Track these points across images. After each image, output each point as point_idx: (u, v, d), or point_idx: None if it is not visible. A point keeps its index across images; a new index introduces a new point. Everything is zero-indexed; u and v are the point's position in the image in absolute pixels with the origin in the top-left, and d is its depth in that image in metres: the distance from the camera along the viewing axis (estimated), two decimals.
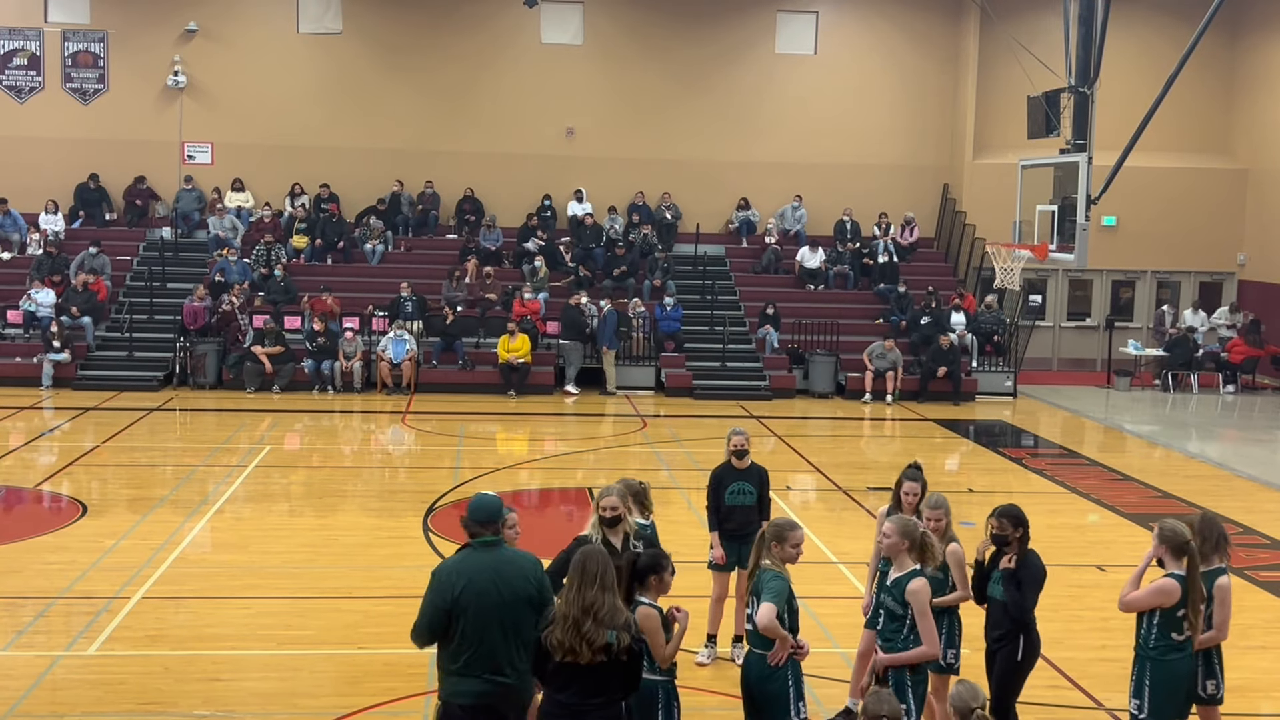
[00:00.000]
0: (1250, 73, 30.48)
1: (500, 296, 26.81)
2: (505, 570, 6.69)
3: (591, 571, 6.52)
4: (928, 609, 7.38)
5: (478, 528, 6.79)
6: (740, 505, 10.19)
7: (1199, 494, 17.44)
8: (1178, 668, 7.63)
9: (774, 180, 30.50)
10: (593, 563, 6.56)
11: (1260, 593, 12.96)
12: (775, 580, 7.35)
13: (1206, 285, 31.45)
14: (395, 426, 22.07)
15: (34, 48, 28.96)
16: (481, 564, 6.69)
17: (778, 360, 26.38)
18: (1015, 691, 8.13)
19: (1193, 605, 7.58)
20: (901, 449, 21.33)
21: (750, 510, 10.17)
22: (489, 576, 6.63)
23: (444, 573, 6.73)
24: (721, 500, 10.24)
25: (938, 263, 30.65)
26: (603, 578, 6.52)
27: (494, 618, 6.58)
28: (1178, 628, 7.60)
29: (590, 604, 6.43)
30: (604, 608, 6.44)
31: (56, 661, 10.14)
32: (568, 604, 6.48)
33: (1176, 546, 7.65)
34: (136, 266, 27.78)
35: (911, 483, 8.96)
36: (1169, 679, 7.62)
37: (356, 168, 29.50)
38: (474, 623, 6.57)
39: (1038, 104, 21.43)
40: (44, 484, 16.72)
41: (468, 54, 29.83)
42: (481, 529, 6.78)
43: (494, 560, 6.72)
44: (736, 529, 10.17)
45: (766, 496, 10.34)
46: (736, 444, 10.30)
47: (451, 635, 6.63)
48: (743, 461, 10.29)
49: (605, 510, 8.25)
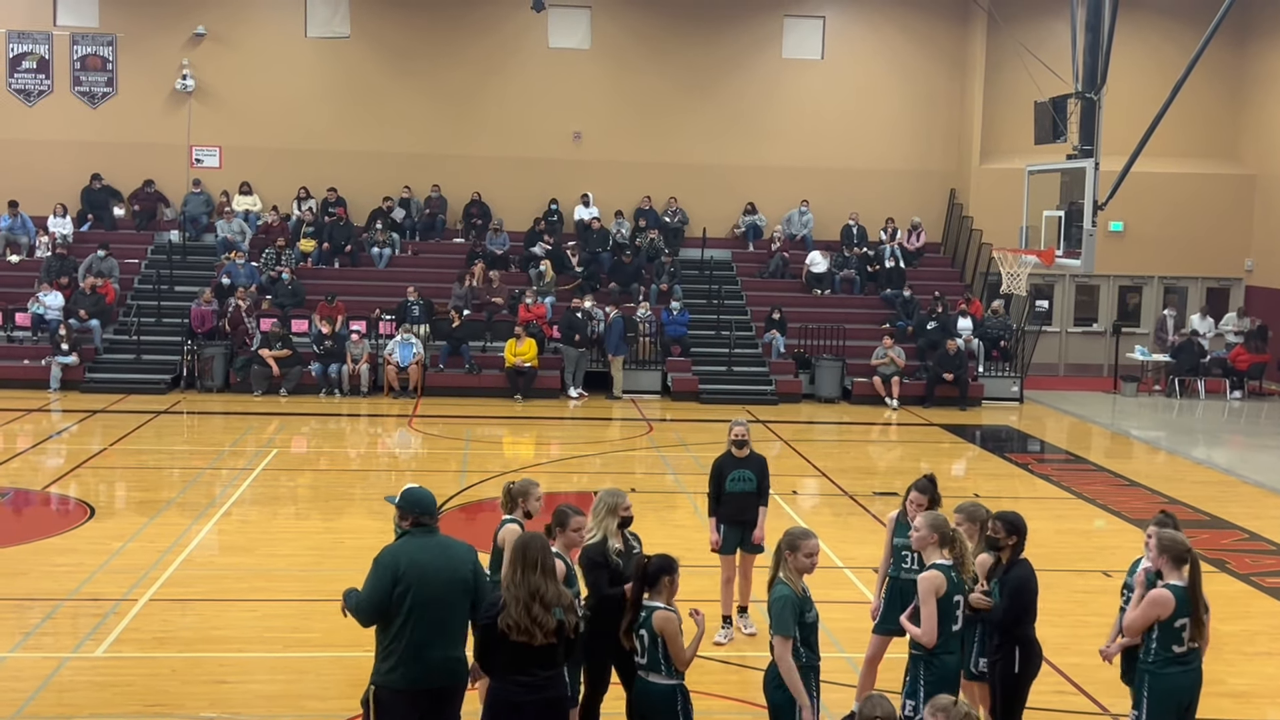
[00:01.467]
0: (1258, 78, 30.45)
1: (507, 300, 26.84)
2: (444, 555, 6.97)
3: (531, 558, 6.79)
4: (930, 598, 7.46)
5: (420, 515, 7.04)
6: (741, 492, 10.70)
7: (1205, 500, 17.42)
8: (1177, 680, 7.48)
9: (781, 185, 30.50)
10: (532, 549, 6.83)
11: (1266, 599, 12.95)
12: (778, 600, 7.30)
13: (1214, 291, 31.41)
14: (402, 430, 22.10)
15: (43, 51, 29.04)
16: (423, 548, 6.95)
17: (784, 365, 26.38)
18: (1019, 702, 8.07)
19: (1195, 615, 7.44)
20: (908, 454, 21.33)
21: (750, 496, 10.71)
22: (430, 560, 6.90)
23: (388, 555, 6.96)
24: (723, 488, 10.75)
25: (944, 268, 30.63)
26: (542, 563, 6.80)
27: (434, 600, 6.84)
28: (1177, 639, 7.43)
29: (535, 589, 6.72)
30: (547, 591, 6.74)
31: (64, 663, 10.17)
32: (515, 588, 6.73)
33: (1177, 556, 7.51)
34: (144, 270, 27.82)
35: (918, 493, 8.94)
36: (1167, 692, 7.48)
37: (364, 171, 29.54)
38: (416, 605, 6.80)
39: (1045, 109, 21.42)
40: (52, 486, 16.77)
41: (475, 58, 29.88)
42: (420, 516, 7.04)
43: (434, 545, 7.00)
44: (737, 514, 10.74)
45: (766, 484, 10.86)
46: (737, 434, 10.81)
47: (393, 617, 6.83)
48: (742, 451, 10.81)
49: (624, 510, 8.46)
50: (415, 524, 7.05)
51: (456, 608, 6.94)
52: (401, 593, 6.82)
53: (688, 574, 7.77)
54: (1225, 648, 11.46)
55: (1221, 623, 12.09)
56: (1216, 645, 11.40)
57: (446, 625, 6.91)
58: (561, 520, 7.88)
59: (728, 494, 10.72)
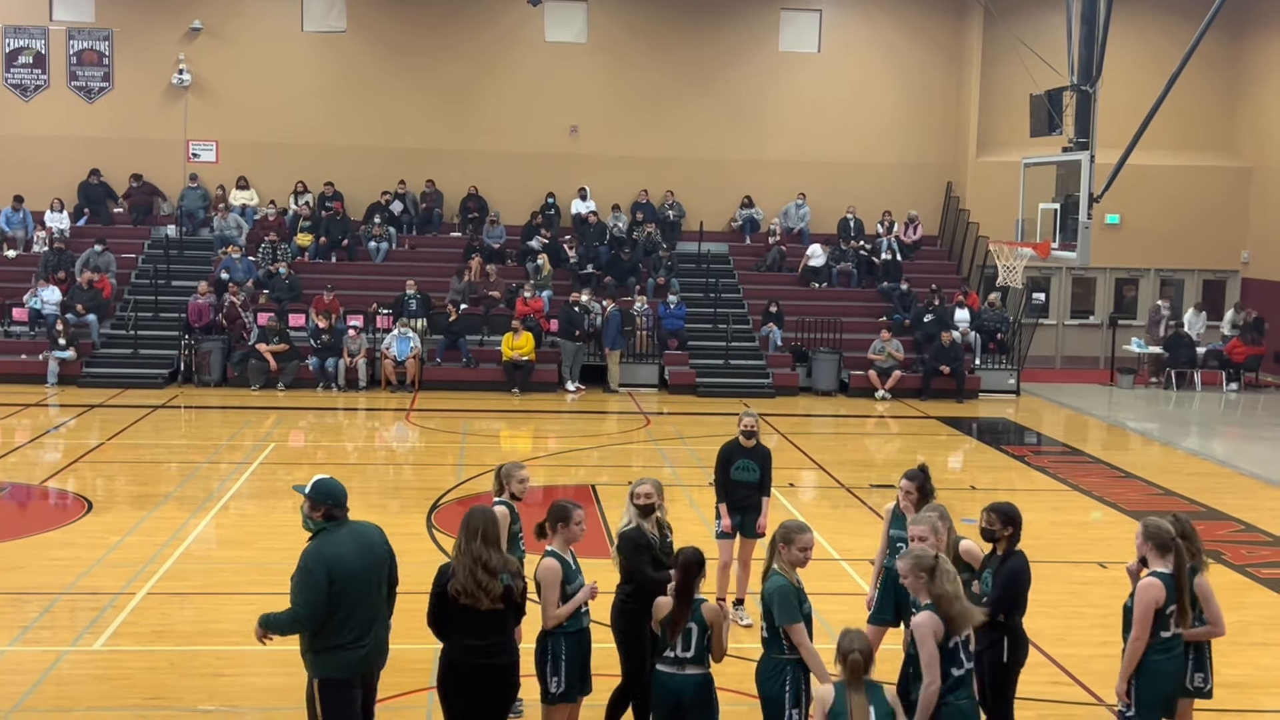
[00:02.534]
0: (1254, 70, 30.48)
1: (504, 294, 26.86)
2: (363, 543, 7.16)
3: (474, 527, 7.20)
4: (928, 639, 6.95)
5: (336, 508, 7.19)
6: (744, 481, 11.06)
7: (1201, 491, 17.47)
8: (1163, 666, 7.61)
9: (777, 178, 30.52)
10: (475, 519, 7.25)
11: (1261, 589, 12.99)
12: (777, 591, 7.37)
13: (1210, 283, 31.46)
14: (399, 424, 22.13)
15: (39, 46, 29.03)
16: (343, 540, 7.11)
17: (781, 358, 26.41)
18: (1009, 692, 8.10)
19: (1181, 602, 7.55)
20: (905, 447, 21.37)
21: (752, 486, 11.07)
22: (353, 552, 7.07)
23: (316, 556, 7.05)
24: (728, 475, 11.07)
25: (941, 261, 30.66)
26: (484, 532, 7.20)
27: (365, 589, 7.07)
28: (1163, 624, 7.57)
29: (478, 556, 7.13)
30: (490, 559, 7.13)
31: (62, 657, 10.20)
32: (461, 555, 7.16)
33: (1161, 544, 7.63)
34: (141, 264, 27.83)
35: (908, 480, 9.03)
36: (1154, 677, 7.60)
37: (361, 166, 29.54)
38: (351, 597, 6.99)
39: (1040, 102, 21.43)
40: (49, 481, 16.78)
41: (472, 52, 29.87)
42: (335, 509, 7.19)
43: (352, 534, 7.17)
44: (739, 501, 11.10)
45: (769, 474, 11.20)
46: (747, 425, 11.10)
47: (333, 613, 6.97)
48: (749, 441, 11.11)
49: (639, 498, 8.54)
50: (327, 516, 7.17)
51: (379, 590, 7.22)
52: (338, 590, 6.97)
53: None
54: (1219, 638, 11.50)
55: None
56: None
57: (378, 609, 7.19)
58: (564, 516, 7.86)
59: (731, 481, 11.07)
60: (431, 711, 9.14)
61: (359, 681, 7.17)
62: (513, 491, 8.96)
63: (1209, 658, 8.10)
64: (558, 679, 7.71)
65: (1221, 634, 8.05)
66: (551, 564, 7.68)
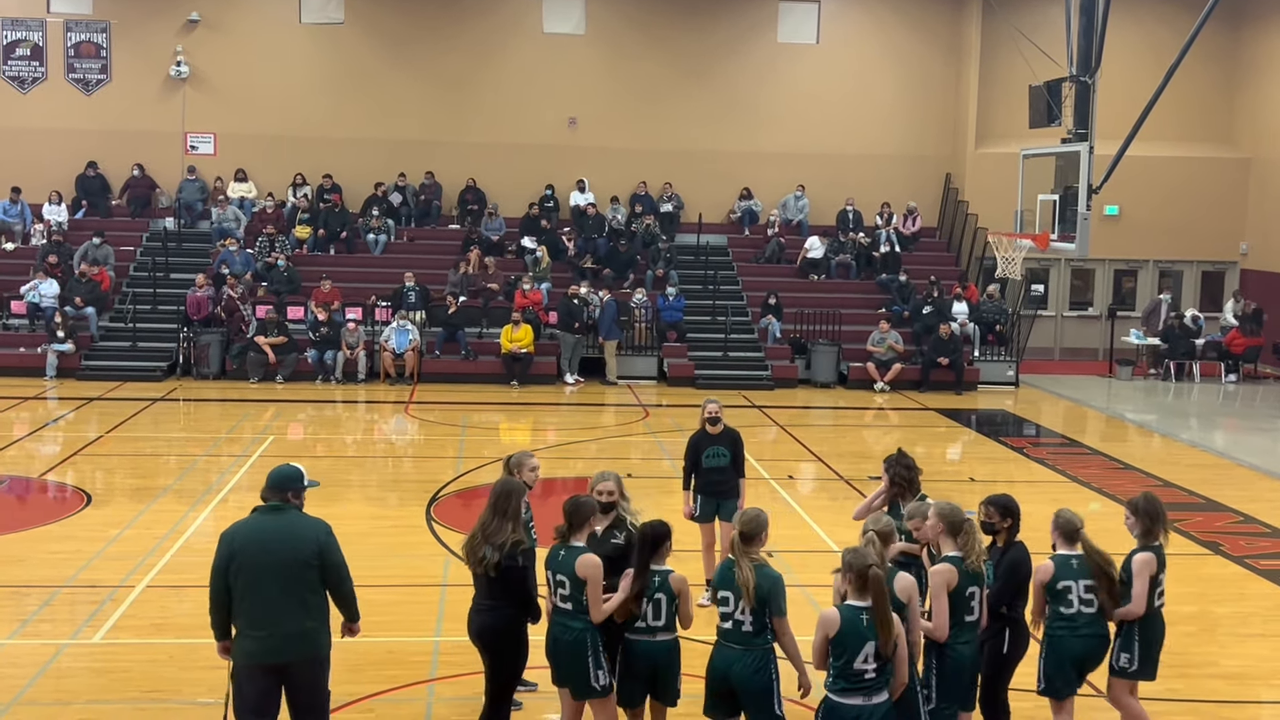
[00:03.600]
0: (1252, 61, 30.45)
1: (502, 286, 26.84)
2: (281, 533, 7.14)
3: (491, 498, 7.83)
4: (942, 592, 7.54)
5: (267, 493, 7.32)
6: (716, 466, 11.43)
7: (1200, 483, 17.48)
8: (1068, 643, 8.01)
9: (776, 170, 30.49)
10: (496, 488, 7.92)
11: (1260, 581, 13.01)
12: (777, 581, 7.35)
13: (1209, 275, 31.46)
14: (398, 416, 22.13)
15: (36, 38, 28.98)
16: (255, 527, 7.17)
17: (780, 350, 26.41)
18: (1004, 682, 8.18)
19: (1100, 580, 8.01)
20: (903, 438, 21.36)
21: (725, 470, 11.44)
22: (260, 538, 7.10)
23: (222, 537, 7.24)
24: (699, 463, 11.46)
25: (940, 252, 30.65)
26: (496, 502, 7.80)
27: (270, 575, 7.02)
28: (1063, 602, 8.00)
29: (483, 523, 7.75)
30: (491, 528, 7.70)
31: (61, 650, 10.20)
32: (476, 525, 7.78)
33: (1068, 534, 8.13)
34: (140, 257, 27.82)
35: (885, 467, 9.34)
36: (1059, 653, 8.02)
37: (359, 158, 29.51)
38: (251, 580, 7.04)
39: (1039, 93, 21.41)
40: (48, 474, 16.78)
41: (470, 44, 29.83)
42: (270, 494, 7.30)
43: (272, 523, 7.17)
44: (715, 487, 11.48)
45: (740, 456, 11.58)
46: (711, 411, 11.55)
47: (234, 593, 7.09)
48: (716, 428, 11.51)
49: (601, 495, 8.45)
50: (262, 501, 7.30)
51: (298, 582, 7.08)
52: (236, 569, 7.07)
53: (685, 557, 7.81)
54: (1219, 629, 11.54)
55: (1215, 604, 12.20)
56: (1210, 626, 11.53)
57: (287, 599, 7.05)
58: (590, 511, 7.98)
59: (705, 469, 11.44)
60: (432, 705, 9.16)
61: (270, 671, 7.10)
62: (524, 480, 8.97)
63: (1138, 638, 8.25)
64: (601, 672, 7.66)
65: (1139, 612, 8.18)
66: (595, 559, 7.65)
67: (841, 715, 6.83)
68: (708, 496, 11.49)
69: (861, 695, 6.81)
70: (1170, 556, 8.64)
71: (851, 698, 6.81)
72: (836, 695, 6.85)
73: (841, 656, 6.81)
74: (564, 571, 7.64)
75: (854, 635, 6.76)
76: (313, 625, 7.16)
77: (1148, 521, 8.33)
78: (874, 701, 6.81)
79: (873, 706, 6.80)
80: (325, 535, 7.27)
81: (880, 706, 6.82)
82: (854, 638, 6.76)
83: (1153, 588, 8.19)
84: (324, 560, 7.17)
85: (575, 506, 7.85)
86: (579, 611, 7.62)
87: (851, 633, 6.77)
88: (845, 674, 6.81)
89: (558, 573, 7.68)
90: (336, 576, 7.26)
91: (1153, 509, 8.37)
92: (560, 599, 7.68)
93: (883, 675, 6.84)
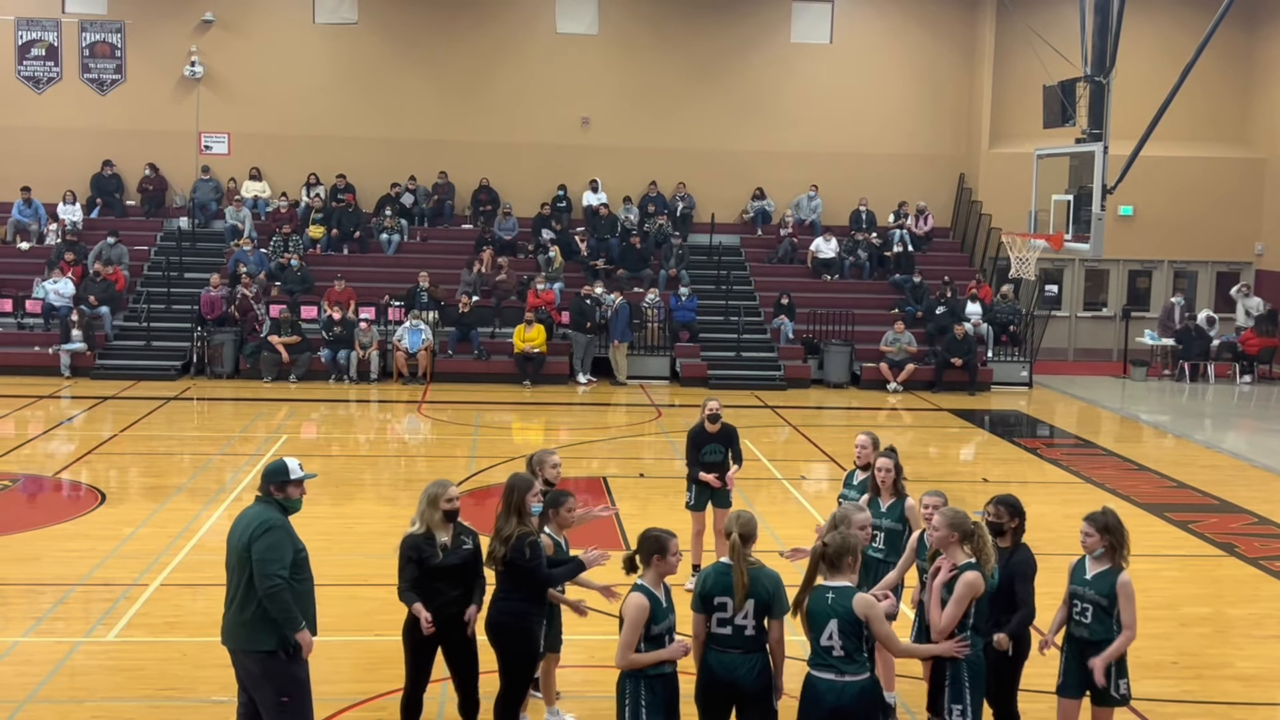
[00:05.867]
0: (1268, 61, 30.33)
1: (515, 286, 26.86)
2: (239, 524, 7.44)
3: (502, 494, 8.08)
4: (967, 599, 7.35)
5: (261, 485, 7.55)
6: (713, 463, 12.07)
7: (1214, 484, 17.42)
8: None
9: (789, 170, 30.46)
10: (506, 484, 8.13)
11: (1275, 583, 12.95)
12: (780, 582, 7.24)
13: (1224, 275, 31.34)
14: (411, 415, 22.16)
15: (51, 39, 29.08)
16: (240, 517, 7.51)
17: (793, 350, 26.39)
18: (1013, 684, 8.08)
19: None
20: (916, 439, 21.33)
21: (721, 465, 12.10)
22: (233, 529, 7.46)
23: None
24: (698, 456, 12.10)
25: (953, 253, 30.59)
26: (503, 497, 8.06)
27: (228, 565, 7.44)
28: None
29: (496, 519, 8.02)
30: (499, 523, 7.97)
31: (76, 648, 10.23)
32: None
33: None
34: (154, 256, 27.91)
35: (884, 459, 9.42)
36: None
37: (372, 158, 29.56)
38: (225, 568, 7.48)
39: (1054, 93, 21.36)
40: (63, 472, 16.84)
41: (483, 44, 29.86)
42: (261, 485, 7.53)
43: (244, 514, 7.49)
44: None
45: (737, 448, 12.23)
46: (712, 409, 12.11)
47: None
48: (715, 426, 12.11)
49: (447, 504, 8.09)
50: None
51: (238, 573, 7.34)
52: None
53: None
54: (1234, 631, 11.50)
55: (1230, 606, 12.15)
56: (1224, 628, 11.49)
57: (232, 589, 7.37)
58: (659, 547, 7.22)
59: (703, 464, 12.07)
60: (444, 704, 9.16)
61: (236, 659, 7.46)
62: (546, 478, 9.14)
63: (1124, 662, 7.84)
64: None
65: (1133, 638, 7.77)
66: (640, 601, 7.04)
67: (816, 689, 6.95)
68: (702, 486, 12.10)
69: (833, 671, 6.90)
70: (1185, 558, 8.63)
71: (825, 673, 6.94)
72: (813, 670, 7.01)
73: (812, 633, 7.01)
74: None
75: (820, 614, 6.97)
76: (245, 619, 7.29)
77: (1114, 540, 7.80)
78: (845, 679, 6.89)
79: (844, 683, 6.88)
80: (257, 527, 7.32)
81: (853, 684, 6.88)
82: (820, 616, 6.97)
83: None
84: (251, 554, 7.28)
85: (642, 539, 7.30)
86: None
87: (817, 611, 6.98)
88: (816, 650, 7.00)
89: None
90: (258, 572, 7.21)
91: (1120, 527, 7.85)
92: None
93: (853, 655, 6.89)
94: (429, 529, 8.00)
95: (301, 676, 7.43)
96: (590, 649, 10.25)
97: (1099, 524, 7.82)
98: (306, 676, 7.48)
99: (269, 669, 7.32)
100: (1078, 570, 7.89)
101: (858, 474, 10.14)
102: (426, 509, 8.02)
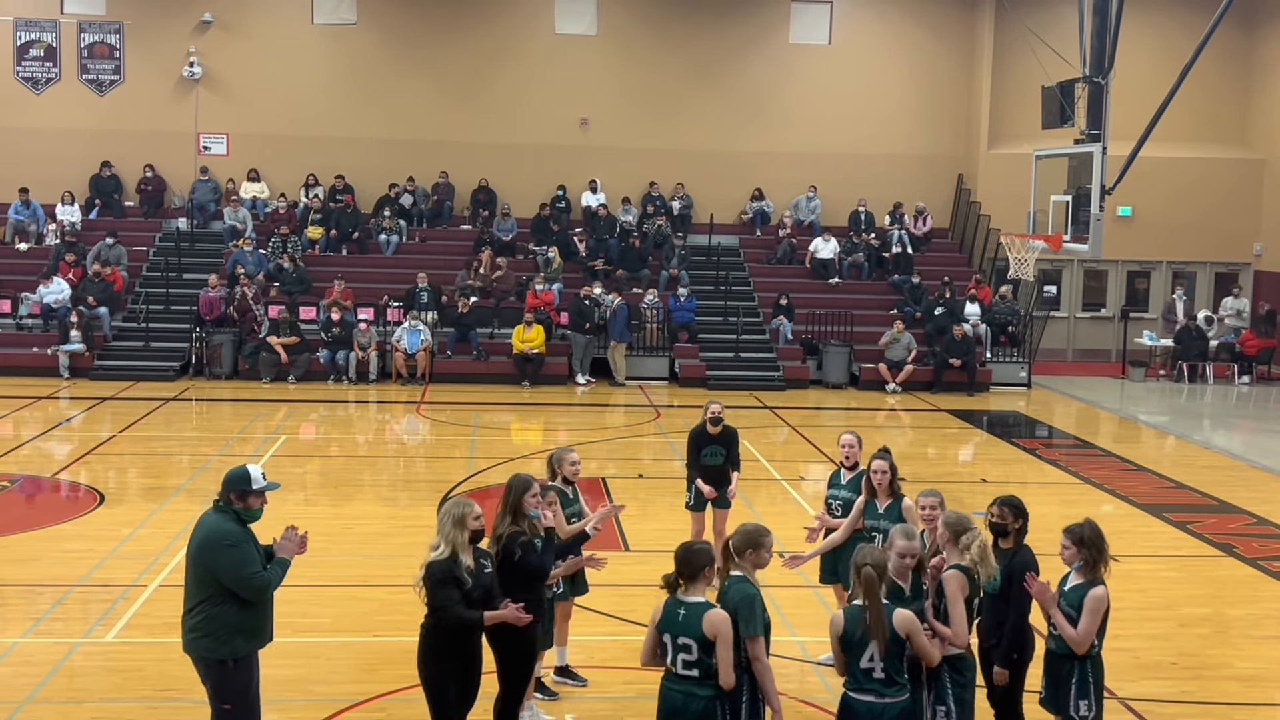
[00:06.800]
0: (1266, 62, 30.35)
1: (514, 287, 26.85)
2: (197, 533, 7.40)
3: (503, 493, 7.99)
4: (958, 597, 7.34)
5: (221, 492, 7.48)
6: (713, 465, 12.13)
7: (1213, 485, 17.42)
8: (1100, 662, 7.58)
9: (788, 171, 30.46)
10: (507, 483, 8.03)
11: (1274, 583, 12.94)
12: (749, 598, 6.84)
13: (1222, 276, 31.35)
14: (410, 416, 22.15)
15: (50, 39, 29.07)
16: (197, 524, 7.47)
17: (792, 351, 26.39)
18: (1017, 686, 8.03)
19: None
20: (915, 439, 21.34)
21: (721, 468, 12.14)
22: (192, 536, 7.43)
23: None
24: (699, 457, 12.16)
25: (952, 253, 30.59)
26: (503, 497, 7.97)
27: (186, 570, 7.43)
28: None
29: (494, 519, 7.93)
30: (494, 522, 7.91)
31: (75, 648, 10.23)
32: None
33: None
34: (153, 257, 27.89)
35: (879, 460, 9.51)
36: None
37: (371, 158, 29.55)
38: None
39: (1052, 94, 21.35)
40: (61, 473, 16.82)
41: (482, 45, 29.86)
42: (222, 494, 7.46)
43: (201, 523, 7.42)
44: (709, 480, 12.15)
45: (736, 452, 12.26)
46: (714, 412, 12.14)
47: None
48: (716, 428, 12.13)
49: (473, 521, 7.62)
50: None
51: (189, 580, 7.38)
52: None
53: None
54: (1233, 631, 11.50)
55: (1229, 607, 12.16)
56: (1223, 629, 11.50)
57: (186, 596, 7.39)
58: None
59: (703, 465, 12.14)
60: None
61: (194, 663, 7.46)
62: (564, 475, 9.32)
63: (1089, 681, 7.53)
64: None
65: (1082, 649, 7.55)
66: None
67: (855, 711, 6.84)
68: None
69: (873, 694, 6.80)
70: (1184, 558, 8.61)
71: (864, 695, 6.82)
72: (851, 692, 6.88)
73: (851, 656, 6.84)
74: (688, 634, 6.69)
75: (859, 636, 6.79)
76: (192, 623, 7.33)
77: (1093, 554, 7.57)
78: (885, 700, 6.78)
79: (884, 705, 6.77)
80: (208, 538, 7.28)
81: (893, 705, 6.78)
82: (859, 638, 6.79)
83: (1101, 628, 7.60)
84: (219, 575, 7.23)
85: (687, 555, 6.86)
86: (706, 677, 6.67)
87: (856, 633, 6.80)
88: (855, 673, 6.85)
89: (679, 635, 6.70)
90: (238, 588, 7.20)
91: (1099, 540, 7.65)
92: (683, 665, 6.70)
93: (894, 676, 6.79)
94: (454, 551, 7.40)
95: (245, 684, 7.42)
96: (590, 649, 10.25)
97: (1075, 536, 7.63)
98: (251, 685, 7.49)
99: (215, 676, 7.36)
100: (1062, 582, 7.82)
101: (844, 473, 10.17)
102: (453, 530, 7.41)
